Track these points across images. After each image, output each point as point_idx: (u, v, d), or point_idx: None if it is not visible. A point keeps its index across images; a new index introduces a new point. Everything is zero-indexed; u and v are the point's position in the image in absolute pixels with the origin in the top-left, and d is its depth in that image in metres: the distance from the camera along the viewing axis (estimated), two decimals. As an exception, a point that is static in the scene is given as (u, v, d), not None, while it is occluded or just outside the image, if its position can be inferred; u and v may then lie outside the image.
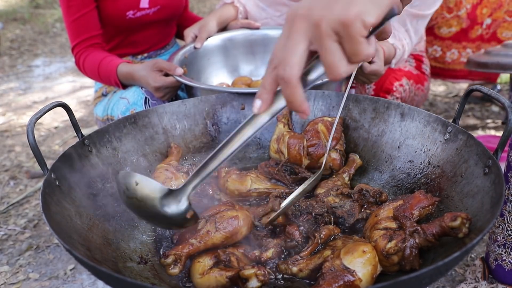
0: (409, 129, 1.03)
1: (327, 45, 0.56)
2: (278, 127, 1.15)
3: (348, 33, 0.54)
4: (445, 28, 2.24)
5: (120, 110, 1.46)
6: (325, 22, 0.55)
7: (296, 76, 0.58)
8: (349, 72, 0.58)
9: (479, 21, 2.18)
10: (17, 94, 3.27)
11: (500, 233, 1.16)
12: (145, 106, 1.42)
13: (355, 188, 0.96)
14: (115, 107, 1.51)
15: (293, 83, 0.59)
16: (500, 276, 1.19)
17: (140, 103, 1.41)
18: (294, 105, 0.61)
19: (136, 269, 0.81)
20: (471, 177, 0.83)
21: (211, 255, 0.79)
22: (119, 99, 1.50)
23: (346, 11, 0.53)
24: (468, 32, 2.21)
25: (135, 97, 1.44)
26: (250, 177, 1.03)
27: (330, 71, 0.57)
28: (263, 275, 0.72)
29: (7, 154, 2.35)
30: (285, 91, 0.60)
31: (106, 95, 1.69)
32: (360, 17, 0.53)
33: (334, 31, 0.55)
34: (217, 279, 0.75)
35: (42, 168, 0.82)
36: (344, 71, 0.57)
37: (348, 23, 0.53)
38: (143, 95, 1.43)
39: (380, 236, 0.76)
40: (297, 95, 0.59)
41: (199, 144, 1.18)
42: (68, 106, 0.92)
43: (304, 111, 0.61)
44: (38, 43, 4.55)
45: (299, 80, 0.59)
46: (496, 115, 2.44)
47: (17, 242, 1.63)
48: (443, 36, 2.26)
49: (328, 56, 0.56)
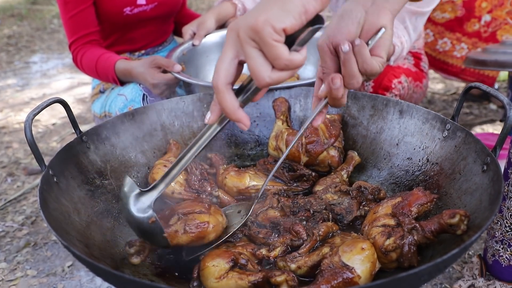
0: (407, 127, 1.03)
1: (247, 51, 0.60)
2: (277, 124, 1.15)
3: (260, 38, 0.58)
4: (439, 13, 2.22)
5: (118, 106, 1.46)
6: (241, 31, 0.60)
7: (222, 83, 0.63)
8: (275, 78, 0.61)
9: (476, 15, 2.15)
10: (15, 91, 3.26)
11: (498, 229, 1.16)
12: (143, 102, 1.41)
13: (354, 185, 0.96)
14: (113, 103, 1.51)
15: (219, 88, 0.63)
16: (497, 272, 1.20)
17: (138, 99, 1.41)
18: (226, 112, 0.65)
19: (135, 266, 0.81)
20: (469, 175, 0.83)
21: (226, 258, 0.76)
22: (117, 95, 1.50)
23: (255, 18, 0.58)
24: (463, 23, 2.18)
25: (133, 93, 1.44)
26: (248, 174, 1.03)
27: (254, 76, 0.61)
28: (293, 280, 0.72)
29: (4, 150, 2.34)
30: (216, 97, 0.65)
31: (103, 92, 1.69)
32: (269, 22, 0.57)
33: (250, 38, 0.59)
34: (238, 283, 0.72)
35: (40, 165, 0.82)
36: (269, 76, 0.60)
37: (258, 29, 0.58)
38: (141, 92, 1.42)
39: (378, 233, 0.76)
40: (225, 101, 0.64)
41: (198, 141, 1.18)
42: (66, 102, 0.92)
43: (237, 120, 0.66)
44: (35, 40, 4.53)
45: (226, 86, 0.63)
46: (494, 113, 2.45)
47: (15, 239, 1.63)
48: (436, 21, 2.24)
49: (250, 62, 0.61)
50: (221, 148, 1.19)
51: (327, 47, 0.71)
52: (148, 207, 0.75)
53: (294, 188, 1.03)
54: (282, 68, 0.60)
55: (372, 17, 0.70)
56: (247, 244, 0.82)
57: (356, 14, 0.69)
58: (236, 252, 0.77)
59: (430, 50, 2.32)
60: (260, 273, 0.73)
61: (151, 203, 0.75)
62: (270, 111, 1.20)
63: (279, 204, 0.93)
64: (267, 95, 1.20)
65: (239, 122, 0.66)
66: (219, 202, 0.99)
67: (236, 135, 1.21)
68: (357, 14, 0.69)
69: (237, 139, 1.21)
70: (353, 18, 0.69)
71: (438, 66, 2.35)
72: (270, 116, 1.20)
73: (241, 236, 0.86)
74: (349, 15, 0.69)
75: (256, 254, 0.80)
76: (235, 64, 0.63)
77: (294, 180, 1.05)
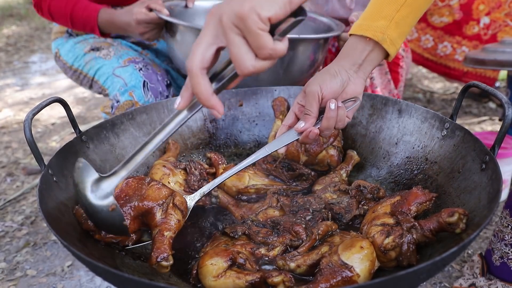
0: (406, 126, 1.03)
1: (230, 38, 0.60)
2: (276, 124, 1.15)
3: (245, 25, 0.58)
4: (437, 17, 2.22)
5: (117, 90, 1.41)
6: (225, 17, 0.59)
7: (197, 65, 0.62)
8: (258, 67, 0.61)
9: (474, 17, 2.16)
10: (14, 91, 3.26)
11: (508, 232, 1.16)
12: (143, 89, 1.38)
13: (353, 185, 0.96)
14: (109, 82, 1.45)
15: (194, 72, 0.62)
16: (504, 274, 1.19)
17: (139, 85, 1.38)
18: (200, 98, 0.64)
19: (134, 265, 0.81)
20: (468, 173, 0.84)
21: (225, 256, 0.76)
22: (112, 75, 1.44)
23: (241, 6, 0.57)
24: (462, 26, 2.19)
25: (132, 79, 1.39)
26: (247, 174, 1.03)
27: (237, 64, 0.61)
28: (290, 281, 0.71)
29: (3, 150, 2.34)
30: (190, 82, 0.64)
31: (72, 35, 1.61)
32: (255, 10, 0.57)
33: (234, 24, 0.59)
34: (236, 282, 0.72)
35: (39, 164, 0.82)
36: (251, 65, 0.60)
37: (243, 16, 0.57)
38: (142, 78, 1.39)
39: (377, 232, 0.76)
40: (199, 86, 0.62)
41: (197, 141, 1.18)
42: (65, 101, 0.92)
43: (211, 106, 0.65)
44: (34, 39, 4.53)
45: (201, 70, 0.62)
46: (494, 111, 2.45)
47: (14, 239, 1.63)
48: (435, 25, 2.25)
49: (232, 49, 0.60)
50: (220, 147, 1.20)
51: (318, 96, 0.84)
52: (108, 194, 0.73)
53: (293, 187, 1.03)
54: (265, 57, 0.60)
55: (353, 85, 0.86)
56: (246, 243, 0.82)
57: (342, 77, 0.85)
58: (235, 251, 0.77)
59: (431, 55, 2.32)
60: (257, 273, 0.73)
61: (112, 190, 0.73)
62: (269, 111, 1.20)
63: (278, 203, 0.93)
64: (266, 95, 1.20)
65: (213, 109, 0.65)
66: (218, 202, 0.99)
67: (235, 135, 1.21)
68: (342, 77, 0.85)
69: (236, 138, 1.21)
70: (339, 80, 0.84)
71: (440, 70, 2.35)
72: (269, 115, 1.20)
73: (241, 235, 0.86)
74: (337, 76, 0.84)
75: (255, 254, 0.80)
76: (213, 50, 0.62)
77: (293, 180, 1.05)
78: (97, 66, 1.51)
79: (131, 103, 1.37)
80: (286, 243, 0.81)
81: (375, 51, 0.86)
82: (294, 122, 0.89)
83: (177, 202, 0.82)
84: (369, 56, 0.86)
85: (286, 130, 0.89)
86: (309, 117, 0.85)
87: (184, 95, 0.67)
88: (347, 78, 0.85)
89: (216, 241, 0.84)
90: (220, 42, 0.62)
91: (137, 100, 1.37)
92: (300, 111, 0.88)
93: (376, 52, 0.86)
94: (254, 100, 1.21)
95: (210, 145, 1.19)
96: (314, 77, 0.86)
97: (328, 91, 0.84)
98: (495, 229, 1.21)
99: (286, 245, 0.81)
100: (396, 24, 0.84)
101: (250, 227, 0.87)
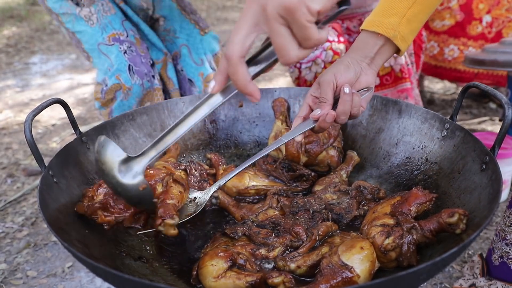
0: (406, 126, 1.03)
1: (275, 28, 0.59)
2: (276, 125, 1.15)
3: (293, 18, 0.57)
4: (438, 21, 2.21)
5: (106, 70, 1.43)
6: (270, 6, 0.58)
7: (237, 54, 0.61)
8: (301, 56, 0.61)
9: (476, 17, 2.15)
10: (14, 92, 3.26)
11: (510, 232, 1.15)
12: (129, 73, 1.42)
13: (353, 185, 0.97)
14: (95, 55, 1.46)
15: (234, 60, 0.61)
16: (503, 273, 1.19)
17: (124, 69, 1.42)
18: (238, 85, 0.64)
19: (134, 266, 0.81)
20: (468, 174, 0.84)
21: (225, 257, 0.76)
22: (99, 53, 1.45)
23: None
24: (465, 27, 2.17)
25: (117, 61, 1.43)
26: (248, 174, 1.03)
27: (280, 54, 0.61)
28: (290, 282, 0.71)
29: (4, 151, 2.35)
30: (229, 69, 0.63)
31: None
32: (304, 3, 0.56)
33: (279, 15, 0.58)
34: (236, 283, 0.72)
35: (40, 165, 0.82)
36: (295, 55, 0.60)
37: (292, 8, 0.56)
38: (127, 63, 1.43)
39: (377, 232, 0.76)
40: (239, 73, 0.62)
41: (197, 141, 1.18)
42: (65, 102, 0.92)
43: (249, 93, 0.65)
44: (35, 40, 4.53)
45: (240, 59, 0.62)
46: (494, 112, 2.45)
47: (15, 240, 1.63)
48: (438, 30, 2.23)
49: (277, 39, 0.59)
50: (220, 148, 1.20)
51: (333, 83, 0.86)
52: (137, 174, 0.74)
53: (293, 188, 1.03)
54: (310, 47, 0.60)
55: (365, 76, 0.89)
56: (246, 244, 0.82)
57: (355, 68, 0.88)
58: (235, 252, 0.77)
59: (439, 61, 2.27)
60: (257, 274, 0.73)
61: (142, 170, 0.74)
62: (269, 112, 1.20)
63: (279, 204, 0.93)
64: (266, 96, 1.20)
65: (251, 95, 0.65)
66: (218, 202, 0.99)
67: (236, 135, 1.21)
68: (355, 68, 0.88)
69: (237, 139, 1.21)
70: (352, 70, 0.87)
71: (451, 76, 2.28)
72: (270, 116, 1.20)
73: (241, 236, 0.86)
74: (351, 67, 0.87)
75: (256, 254, 0.80)
76: (252, 38, 0.62)
77: (293, 180, 1.05)
78: (78, 28, 1.48)
79: (118, 86, 1.43)
80: (287, 244, 0.81)
81: (386, 47, 0.88)
82: (308, 113, 0.90)
83: (177, 177, 0.86)
84: (380, 51, 0.88)
85: (301, 121, 0.90)
86: (325, 104, 0.86)
87: (218, 79, 0.67)
88: (359, 69, 0.88)
89: (216, 242, 0.85)
90: (259, 30, 0.61)
91: (124, 83, 1.42)
92: (314, 102, 0.90)
93: (387, 47, 0.88)
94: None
95: (210, 146, 1.19)
96: (328, 69, 0.89)
97: (343, 79, 0.86)
98: (497, 228, 1.21)
99: (286, 245, 0.81)
100: (408, 21, 0.85)
101: (250, 227, 0.87)
